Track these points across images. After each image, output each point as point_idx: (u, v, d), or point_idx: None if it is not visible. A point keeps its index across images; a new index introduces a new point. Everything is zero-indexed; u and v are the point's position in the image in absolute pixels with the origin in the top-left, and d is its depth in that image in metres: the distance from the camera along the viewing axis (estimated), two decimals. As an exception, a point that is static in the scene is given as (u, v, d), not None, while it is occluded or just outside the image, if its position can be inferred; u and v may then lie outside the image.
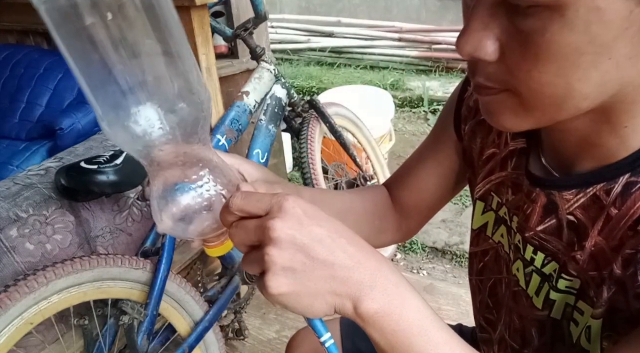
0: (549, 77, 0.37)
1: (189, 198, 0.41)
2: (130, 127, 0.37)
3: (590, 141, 0.45)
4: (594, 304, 0.46)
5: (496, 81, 0.41)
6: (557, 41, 0.35)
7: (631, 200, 0.42)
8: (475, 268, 0.68)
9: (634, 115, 0.41)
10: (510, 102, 0.41)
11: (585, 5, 0.34)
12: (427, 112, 3.33)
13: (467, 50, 0.39)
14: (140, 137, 0.37)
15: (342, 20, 4.19)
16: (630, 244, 0.42)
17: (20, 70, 1.89)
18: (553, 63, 0.37)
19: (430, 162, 0.71)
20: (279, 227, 0.37)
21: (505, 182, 0.57)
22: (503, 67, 0.39)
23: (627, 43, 0.35)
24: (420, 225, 0.78)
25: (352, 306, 0.38)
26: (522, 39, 0.37)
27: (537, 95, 0.39)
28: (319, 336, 0.42)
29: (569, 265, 0.48)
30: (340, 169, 1.92)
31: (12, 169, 1.63)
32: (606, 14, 0.34)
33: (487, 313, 0.67)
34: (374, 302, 0.37)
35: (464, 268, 1.95)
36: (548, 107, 0.40)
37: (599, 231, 0.45)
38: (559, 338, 0.52)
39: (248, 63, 1.87)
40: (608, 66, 0.36)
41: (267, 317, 1.76)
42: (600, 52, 0.36)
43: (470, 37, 0.39)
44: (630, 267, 0.42)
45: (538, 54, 0.37)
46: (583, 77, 0.37)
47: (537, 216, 0.51)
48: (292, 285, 0.37)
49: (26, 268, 1.03)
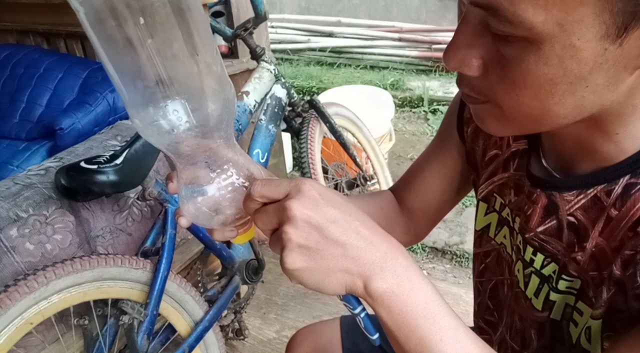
0: (526, 100, 0.39)
1: (214, 190, 0.44)
2: (160, 123, 0.39)
3: (585, 146, 0.45)
4: (594, 305, 0.46)
5: (480, 93, 0.42)
6: (533, 72, 0.37)
7: (631, 201, 0.42)
8: (477, 270, 0.68)
9: (625, 123, 0.42)
10: (494, 111, 0.43)
11: (561, 42, 0.35)
12: (427, 112, 3.33)
13: (453, 65, 0.41)
14: (169, 133, 0.40)
15: (342, 20, 4.19)
16: (630, 245, 0.42)
17: (20, 70, 1.89)
18: (529, 89, 0.38)
19: (435, 165, 0.72)
20: (295, 207, 0.39)
21: (508, 183, 0.57)
22: (486, 82, 0.41)
23: (603, 74, 0.36)
24: (429, 228, 0.78)
25: (363, 284, 0.39)
26: (502, 63, 0.38)
27: (516, 112, 0.41)
28: (352, 309, 0.44)
29: (569, 265, 0.48)
30: (340, 169, 1.92)
31: (12, 169, 1.63)
32: (581, 51, 0.35)
33: (487, 315, 0.67)
34: (383, 282, 0.39)
35: (464, 268, 1.95)
36: (528, 122, 0.42)
37: (600, 232, 0.45)
38: (559, 340, 0.52)
39: (248, 63, 1.87)
40: (585, 93, 0.38)
41: (267, 317, 1.76)
42: (575, 83, 0.37)
43: (456, 53, 0.40)
44: (630, 268, 0.42)
45: (515, 79, 0.38)
46: (559, 101, 0.38)
47: (538, 217, 0.51)
48: (306, 262, 0.39)
49: (26, 268, 1.03)
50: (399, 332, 0.39)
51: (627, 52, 0.35)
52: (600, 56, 0.35)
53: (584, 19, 0.33)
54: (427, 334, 0.38)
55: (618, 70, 0.36)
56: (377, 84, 3.54)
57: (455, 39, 0.40)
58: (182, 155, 0.43)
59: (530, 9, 0.33)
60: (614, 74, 0.36)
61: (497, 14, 0.35)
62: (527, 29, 0.34)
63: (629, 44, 0.34)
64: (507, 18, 0.35)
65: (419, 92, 3.44)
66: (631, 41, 0.34)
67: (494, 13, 0.35)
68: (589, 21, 0.33)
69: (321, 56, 4.17)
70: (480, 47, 0.39)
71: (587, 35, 0.34)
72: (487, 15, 0.36)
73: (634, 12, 0.32)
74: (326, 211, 0.39)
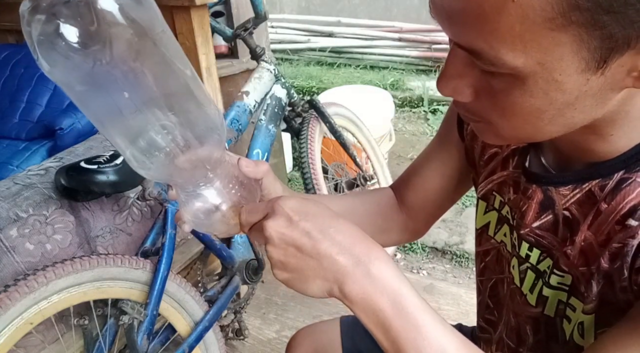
0: (518, 124, 0.41)
1: (206, 202, 0.48)
2: (155, 164, 0.42)
3: (581, 146, 0.46)
4: (585, 300, 0.46)
5: (474, 114, 0.44)
6: (520, 103, 0.38)
7: (620, 195, 0.43)
8: (478, 269, 0.68)
9: (618, 126, 0.42)
10: (490, 129, 0.44)
11: (544, 78, 0.35)
12: (427, 112, 3.33)
13: (446, 93, 0.43)
14: (165, 169, 0.43)
15: (342, 20, 4.19)
16: (618, 238, 0.43)
17: (20, 70, 1.89)
18: (519, 116, 0.40)
19: (435, 163, 0.72)
20: (270, 227, 0.43)
21: (507, 181, 0.58)
22: (479, 106, 0.42)
23: (589, 98, 0.37)
24: (428, 226, 0.78)
25: (338, 289, 0.42)
26: (492, 93, 0.39)
27: (509, 133, 0.43)
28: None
29: (560, 260, 0.49)
30: (340, 169, 1.92)
31: (12, 169, 1.63)
32: (564, 84, 0.36)
33: (488, 313, 0.67)
34: (355, 284, 0.41)
35: (464, 268, 1.95)
36: (522, 138, 0.45)
37: (589, 226, 0.46)
38: (553, 336, 0.53)
39: (248, 63, 1.87)
40: (574, 113, 0.39)
41: (267, 317, 1.76)
42: (563, 108, 0.38)
43: (448, 83, 0.42)
44: (617, 261, 0.43)
45: (505, 108, 0.40)
46: (550, 123, 0.40)
47: (533, 212, 0.52)
48: (289, 273, 0.44)
49: (26, 268, 1.03)
50: (376, 331, 0.41)
51: (610, 78, 0.36)
52: (583, 85, 0.36)
53: (563, 57, 0.34)
54: (400, 332, 0.40)
55: (604, 92, 0.37)
56: (377, 84, 3.54)
57: (446, 69, 0.41)
58: (176, 181, 0.46)
59: (510, 53, 0.34)
60: (600, 96, 0.37)
61: (479, 57, 0.36)
62: (509, 69, 0.35)
63: (611, 72, 0.35)
64: (490, 60, 0.36)
65: (419, 92, 3.44)
66: (613, 69, 0.35)
67: (477, 56, 0.36)
68: (568, 59, 0.34)
69: (321, 56, 4.17)
70: (470, 77, 0.40)
71: (568, 71, 0.35)
72: (472, 56, 0.38)
73: (610, 48, 0.33)
74: (299, 226, 0.43)
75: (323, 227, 0.43)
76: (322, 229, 0.42)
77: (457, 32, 0.37)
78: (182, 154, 0.43)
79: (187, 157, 0.43)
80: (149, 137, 0.40)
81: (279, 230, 0.43)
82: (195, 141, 0.43)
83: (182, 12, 1.26)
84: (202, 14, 1.29)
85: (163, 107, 0.40)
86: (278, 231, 0.43)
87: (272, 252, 0.44)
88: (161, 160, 0.42)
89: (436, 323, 0.40)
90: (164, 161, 0.42)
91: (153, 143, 0.41)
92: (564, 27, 0.32)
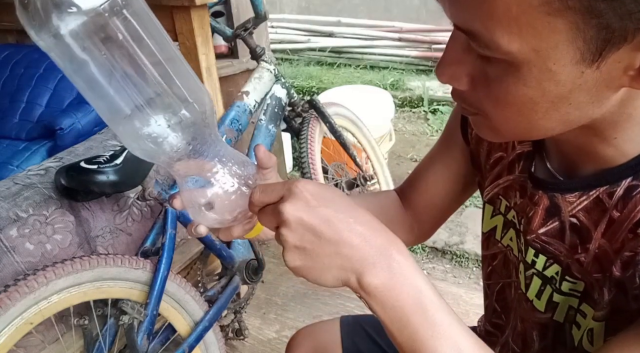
0: (511, 115, 0.40)
1: (211, 192, 0.47)
2: (150, 145, 0.42)
3: (586, 149, 0.46)
4: (596, 306, 0.46)
5: (470, 106, 0.44)
6: (514, 92, 0.38)
7: (632, 203, 0.43)
8: (485, 273, 0.68)
9: (621, 129, 0.42)
10: (486, 122, 0.44)
11: (538, 66, 0.35)
12: (427, 112, 3.33)
13: (444, 79, 0.42)
14: (160, 151, 0.43)
15: (342, 20, 4.19)
16: (630, 246, 0.43)
17: (20, 70, 1.89)
18: (512, 106, 0.39)
19: (439, 166, 0.72)
20: (288, 210, 0.41)
21: (513, 185, 0.58)
22: (475, 96, 0.42)
23: (584, 94, 0.37)
24: (434, 228, 0.78)
25: (356, 280, 0.40)
26: (487, 81, 0.39)
27: (504, 125, 0.42)
28: None
29: (572, 267, 0.49)
30: (340, 169, 1.92)
31: (12, 169, 1.63)
32: (558, 74, 0.35)
33: (495, 317, 0.67)
34: (375, 277, 0.40)
35: (464, 268, 1.95)
36: (517, 133, 0.44)
37: (602, 234, 0.45)
38: (561, 342, 0.53)
39: (248, 63, 1.87)
40: (569, 109, 0.38)
41: (267, 317, 1.76)
42: (556, 101, 0.38)
43: (446, 69, 0.42)
44: (630, 269, 0.42)
45: (498, 97, 0.39)
46: (544, 117, 0.39)
47: (540, 219, 0.51)
48: (303, 260, 0.42)
49: (26, 268, 1.03)
50: (392, 326, 0.40)
51: (606, 74, 0.35)
52: (578, 78, 0.36)
53: (558, 45, 0.34)
54: (418, 329, 0.39)
55: (600, 89, 0.37)
56: (377, 84, 3.54)
57: (445, 55, 0.41)
58: (175, 168, 0.46)
59: (506, 36, 0.34)
60: (595, 93, 0.37)
61: (475, 38, 0.36)
62: (504, 53, 0.35)
63: (607, 68, 0.35)
64: (485, 43, 0.36)
65: (419, 92, 3.44)
66: (609, 64, 0.35)
67: (473, 38, 0.37)
68: (563, 47, 0.34)
69: (321, 56, 4.16)
70: (467, 64, 0.40)
71: (563, 61, 0.35)
72: (469, 38, 0.38)
73: (606, 39, 0.33)
74: (318, 211, 0.41)
75: (344, 215, 0.41)
76: (342, 217, 0.41)
77: (456, 12, 0.37)
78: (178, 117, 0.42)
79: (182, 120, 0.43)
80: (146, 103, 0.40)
81: (297, 215, 0.40)
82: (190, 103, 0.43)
83: (182, 12, 1.26)
84: (202, 14, 1.29)
85: (153, 73, 0.40)
86: (296, 215, 0.40)
87: (287, 235, 0.41)
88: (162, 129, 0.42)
89: (453, 322, 0.40)
90: (164, 127, 0.42)
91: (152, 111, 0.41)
92: (560, 12, 0.32)
